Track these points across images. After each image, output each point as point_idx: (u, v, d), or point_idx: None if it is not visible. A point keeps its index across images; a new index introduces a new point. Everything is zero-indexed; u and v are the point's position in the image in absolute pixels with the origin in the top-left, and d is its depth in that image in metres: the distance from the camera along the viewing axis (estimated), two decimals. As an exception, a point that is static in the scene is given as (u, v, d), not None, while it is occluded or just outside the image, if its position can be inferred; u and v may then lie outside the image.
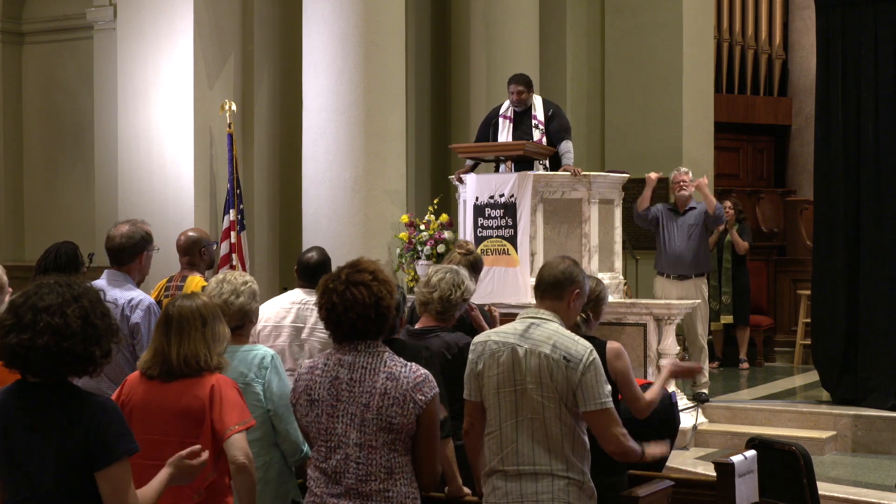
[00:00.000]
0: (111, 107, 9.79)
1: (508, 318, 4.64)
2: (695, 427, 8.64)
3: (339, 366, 3.75)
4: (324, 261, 5.94)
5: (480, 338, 4.23)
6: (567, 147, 8.72)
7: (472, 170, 8.96)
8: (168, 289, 6.18)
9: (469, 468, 4.46)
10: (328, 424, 3.73)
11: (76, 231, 9.57)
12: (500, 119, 8.92)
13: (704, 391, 9.43)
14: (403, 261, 9.27)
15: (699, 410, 8.91)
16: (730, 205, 11.16)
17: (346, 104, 9.09)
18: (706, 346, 9.68)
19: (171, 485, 3.37)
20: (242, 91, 9.93)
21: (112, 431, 3.16)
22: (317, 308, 3.86)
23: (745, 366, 11.68)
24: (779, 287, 12.78)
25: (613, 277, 8.81)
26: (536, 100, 8.89)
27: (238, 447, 3.88)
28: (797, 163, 14.72)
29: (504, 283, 8.50)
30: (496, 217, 8.60)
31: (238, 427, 3.90)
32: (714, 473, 4.82)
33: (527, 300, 8.09)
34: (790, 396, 10.00)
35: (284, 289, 6.95)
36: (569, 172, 8.56)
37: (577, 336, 4.10)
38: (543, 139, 8.75)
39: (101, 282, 5.36)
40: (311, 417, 3.77)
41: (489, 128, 9.00)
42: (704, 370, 9.51)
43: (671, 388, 7.96)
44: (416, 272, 9.11)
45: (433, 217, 9.31)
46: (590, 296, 4.46)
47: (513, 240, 8.54)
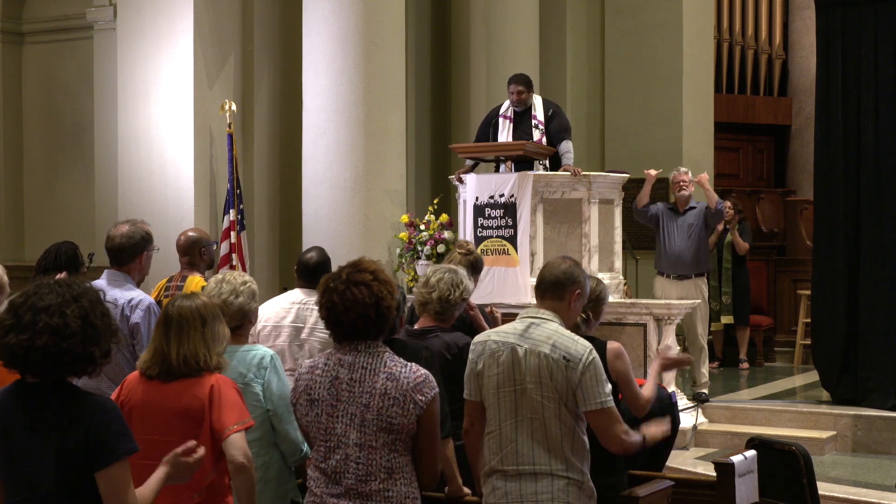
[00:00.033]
0: (111, 107, 9.79)
1: (509, 319, 4.64)
2: (695, 427, 8.64)
3: (340, 366, 3.75)
4: (323, 261, 5.94)
5: (480, 337, 4.23)
6: (567, 147, 8.72)
7: (472, 170, 8.96)
8: (168, 289, 6.18)
9: (469, 468, 4.46)
10: (328, 424, 3.73)
11: (76, 231, 9.57)
12: (500, 119, 8.92)
13: (704, 391, 9.43)
14: (403, 261, 9.27)
15: (699, 410, 8.91)
16: (730, 205, 11.16)
17: (346, 104, 9.09)
18: (706, 346, 9.67)
19: (169, 483, 3.36)
20: (242, 91, 9.92)
21: (112, 431, 3.16)
22: (317, 308, 3.86)
23: (745, 366, 11.67)
24: (779, 287, 12.78)
25: (613, 277, 8.81)
26: (536, 100, 8.89)
27: (237, 447, 3.88)
28: (797, 163, 14.72)
29: (504, 283, 8.50)
30: (496, 217, 8.60)
31: (236, 427, 3.90)
32: (714, 473, 4.82)
33: (527, 300, 8.09)
34: (790, 396, 10.00)
35: (284, 289, 6.95)
36: (569, 172, 8.56)
37: (577, 336, 4.10)
38: (543, 139, 8.74)
39: (101, 282, 5.36)
40: (311, 417, 3.77)
41: (489, 128, 9.00)
42: (704, 370, 9.51)
43: (671, 388, 7.97)
44: (416, 272, 9.11)
45: (433, 217, 9.31)
46: (590, 296, 4.46)
47: (513, 240, 8.54)
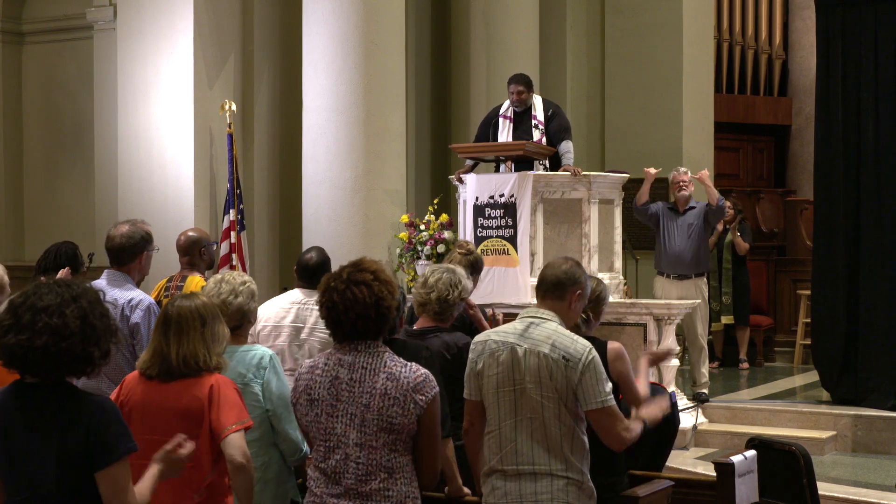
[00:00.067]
0: (111, 107, 9.79)
1: (509, 319, 4.64)
2: (695, 427, 8.64)
3: (340, 366, 3.75)
4: (323, 261, 5.94)
5: (480, 337, 4.23)
6: (567, 147, 8.71)
7: (472, 170, 8.96)
8: (168, 289, 6.18)
9: (469, 468, 4.46)
10: (328, 424, 3.73)
11: (76, 231, 9.57)
12: (500, 119, 8.92)
13: (704, 391, 9.43)
14: (403, 261, 9.27)
15: (699, 410, 8.91)
16: (730, 205, 11.16)
17: (346, 104, 9.09)
18: (706, 346, 9.67)
19: (163, 479, 3.37)
20: (242, 91, 9.92)
21: (112, 431, 3.16)
22: (317, 308, 3.86)
23: (745, 366, 11.67)
24: (779, 287, 12.78)
25: (613, 277, 8.81)
26: (536, 100, 8.88)
27: (235, 447, 3.87)
28: (797, 163, 14.72)
29: (504, 283, 8.49)
30: (496, 217, 8.60)
31: (235, 427, 3.89)
32: (714, 473, 4.82)
33: (527, 300, 8.08)
34: (790, 396, 10.00)
35: (284, 289, 6.95)
36: (569, 172, 8.56)
37: (576, 335, 4.10)
38: (543, 139, 8.74)
39: (101, 282, 5.36)
40: (311, 417, 3.77)
41: (489, 128, 8.99)
42: (704, 370, 9.50)
43: (671, 388, 7.97)
44: (416, 272, 9.11)
45: (433, 217, 9.31)
46: (590, 296, 4.45)
47: (513, 240, 8.54)
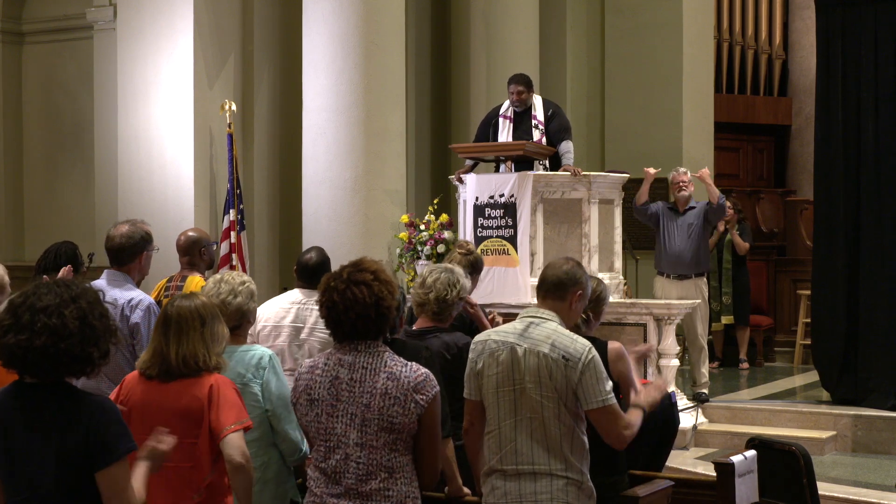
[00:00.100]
0: (111, 107, 9.79)
1: (509, 319, 4.64)
2: (695, 427, 8.63)
3: (340, 366, 3.75)
4: (323, 261, 5.94)
5: (480, 337, 4.23)
6: (567, 147, 8.71)
7: (472, 170, 8.95)
8: (168, 289, 6.18)
9: (469, 468, 4.46)
10: (328, 424, 3.73)
11: (76, 231, 9.57)
12: (500, 119, 8.91)
13: (704, 391, 9.43)
14: (403, 261, 9.27)
15: (699, 410, 8.90)
16: (730, 205, 11.15)
17: (346, 104, 9.09)
18: (706, 346, 9.66)
19: (152, 472, 3.38)
20: (242, 91, 9.92)
21: (112, 431, 3.16)
22: (317, 308, 3.86)
23: (745, 366, 11.66)
24: (779, 287, 12.77)
25: (613, 277, 8.81)
26: (536, 100, 8.88)
27: (234, 447, 3.87)
28: (797, 163, 14.71)
29: (504, 283, 8.49)
30: (496, 217, 8.60)
31: (234, 427, 3.89)
32: (714, 473, 4.81)
33: (527, 300, 8.09)
34: (790, 396, 10.00)
35: (284, 289, 6.95)
36: (569, 172, 8.56)
37: (576, 335, 4.10)
38: (543, 139, 8.74)
39: (101, 282, 5.36)
40: (311, 417, 3.77)
41: (489, 128, 8.99)
42: (704, 370, 9.50)
43: (671, 388, 7.97)
44: (417, 272, 9.10)
45: (433, 217, 9.30)
46: (591, 296, 4.45)
47: (513, 240, 8.54)
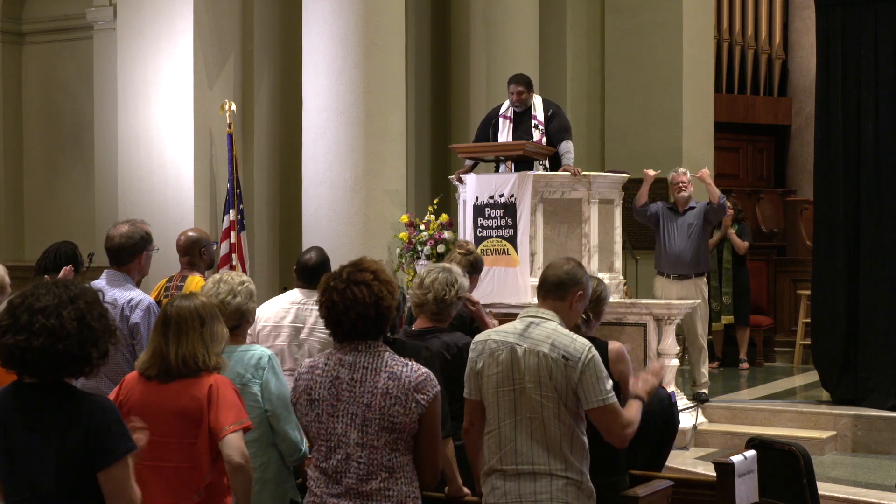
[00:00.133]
0: (111, 107, 9.78)
1: (508, 319, 4.64)
2: (695, 427, 8.63)
3: (340, 366, 3.75)
4: (323, 261, 5.94)
5: (480, 337, 4.24)
6: (567, 147, 8.71)
7: (472, 170, 8.95)
8: (168, 289, 6.18)
9: (469, 468, 4.46)
10: (329, 424, 3.73)
11: (76, 231, 9.57)
12: (500, 119, 8.91)
13: (704, 391, 9.42)
14: (403, 261, 9.27)
15: (699, 410, 8.90)
16: (729, 205, 11.15)
17: (346, 104, 9.09)
18: (706, 346, 9.66)
19: None
20: (242, 91, 9.92)
21: (112, 431, 3.17)
22: (316, 308, 3.86)
23: (745, 366, 11.66)
24: (779, 287, 12.77)
25: (613, 277, 8.80)
26: (536, 100, 8.88)
27: (233, 447, 3.87)
28: (797, 163, 14.71)
29: (504, 283, 8.49)
30: (496, 217, 8.59)
31: (233, 427, 3.89)
32: (714, 473, 4.82)
33: (527, 300, 8.08)
34: (790, 396, 9.99)
35: (284, 289, 6.95)
36: (569, 172, 8.55)
37: (576, 334, 4.10)
38: (543, 139, 8.73)
39: (101, 282, 5.36)
40: (312, 417, 3.77)
41: (489, 128, 8.99)
42: (704, 370, 9.49)
43: (671, 388, 7.97)
44: (417, 272, 9.10)
45: (433, 217, 9.30)
46: (591, 296, 4.45)
47: (513, 240, 8.53)
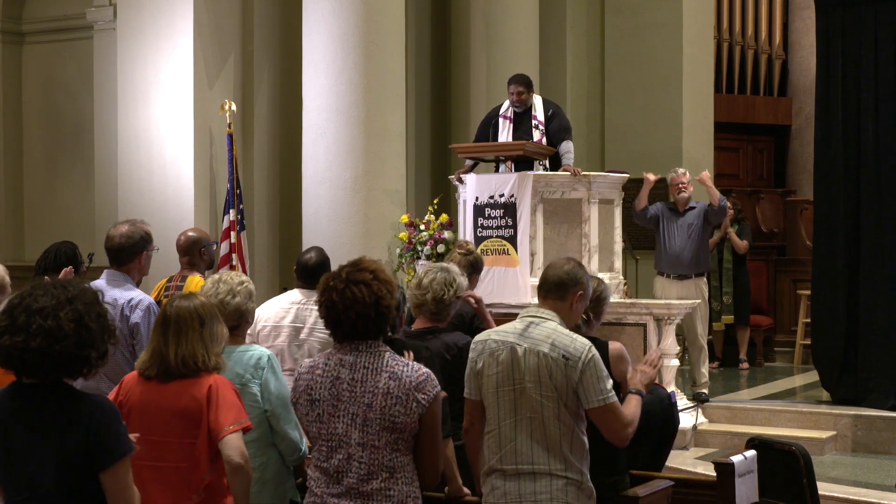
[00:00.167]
0: (111, 107, 9.78)
1: (508, 319, 4.63)
2: (695, 427, 8.63)
3: (340, 366, 3.75)
4: (323, 261, 5.94)
5: (481, 337, 4.24)
6: (567, 147, 8.71)
7: (472, 170, 8.95)
8: (168, 289, 6.18)
9: (469, 468, 4.46)
10: (329, 424, 3.73)
11: (76, 231, 9.57)
12: (500, 119, 8.91)
13: (704, 391, 9.42)
14: (403, 261, 9.27)
15: (699, 410, 8.90)
16: (729, 205, 11.15)
17: (346, 104, 9.09)
18: (706, 346, 9.66)
19: None
20: (242, 91, 9.92)
21: (112, 432, 3.17)
22: (316, 308, 3.86)
23: (745, 366, 11.66)
24: (779, 287, 12.77)
25: (613, 277, 8.80)
26: (536, 100, 8.88)
27: (233, 447, 3.86)
28: (797, 163, 14.71)
29: (504, 283, 8.49)
30: (496, 217, 8.59)
31: (233, 427, 3.88)
32: (714, 473, 4.81)
33: (527, 300, 8.08)
34: (790, 396, 9.99)
35: (284, 289, 6.95)
36: (569, 172, 8.55)
37: (576, 334, 4.09)
38: (543, 139, 8.73)
39: (101, 282, 5.36)
40: (312, 417, 3.77)
41: (489, 128, 8.99)
42: (704, 370, 9.49)
43: (671, 388, 7.97)
44: (417, 272, 9.09)
45: (433, 217, 9.30)
46: (591, 296, 4.45)
47: (513, 240, 8.53)
